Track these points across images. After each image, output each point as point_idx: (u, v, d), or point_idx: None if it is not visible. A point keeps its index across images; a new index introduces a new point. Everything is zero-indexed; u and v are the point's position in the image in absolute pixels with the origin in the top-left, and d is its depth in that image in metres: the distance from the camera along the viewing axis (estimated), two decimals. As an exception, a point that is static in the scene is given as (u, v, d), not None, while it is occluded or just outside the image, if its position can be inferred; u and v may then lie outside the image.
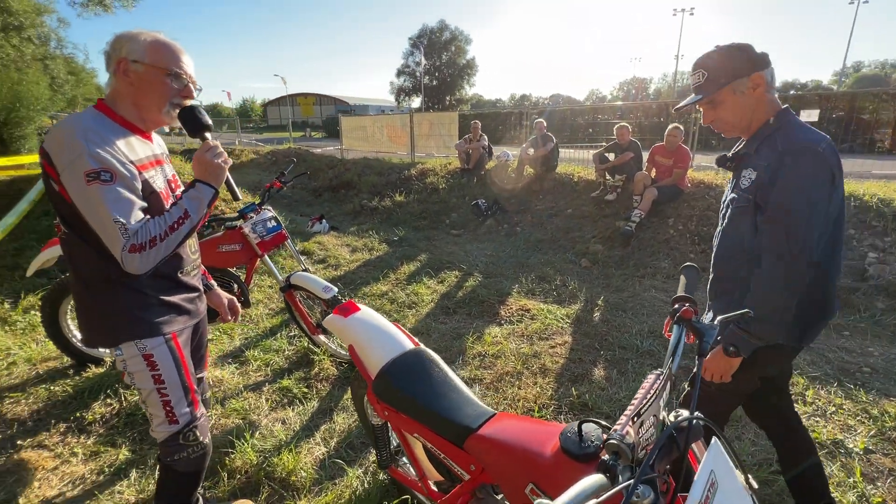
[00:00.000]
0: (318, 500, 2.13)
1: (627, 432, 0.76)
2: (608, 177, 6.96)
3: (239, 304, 2.05)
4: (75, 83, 27.79)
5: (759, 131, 1.52)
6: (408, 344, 1.73)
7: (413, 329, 3.95)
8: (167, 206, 1.46)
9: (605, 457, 0.76)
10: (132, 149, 1.42)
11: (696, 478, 0.74)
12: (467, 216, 7.66)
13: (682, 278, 1.46)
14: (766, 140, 1.48)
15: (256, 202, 3.10)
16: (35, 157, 8.47)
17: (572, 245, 6.25)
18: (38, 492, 2.17)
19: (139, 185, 1.37)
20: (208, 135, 1.52)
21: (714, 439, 0.85)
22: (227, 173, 1.55)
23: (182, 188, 1.56)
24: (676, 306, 1.23)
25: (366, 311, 1.86)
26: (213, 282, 1.96)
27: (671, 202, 6.09)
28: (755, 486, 0.88)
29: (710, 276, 1.68)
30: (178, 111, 1.48)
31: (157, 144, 1.59)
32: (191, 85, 1.50)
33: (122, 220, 1.29)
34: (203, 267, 1.89)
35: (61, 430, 2.59)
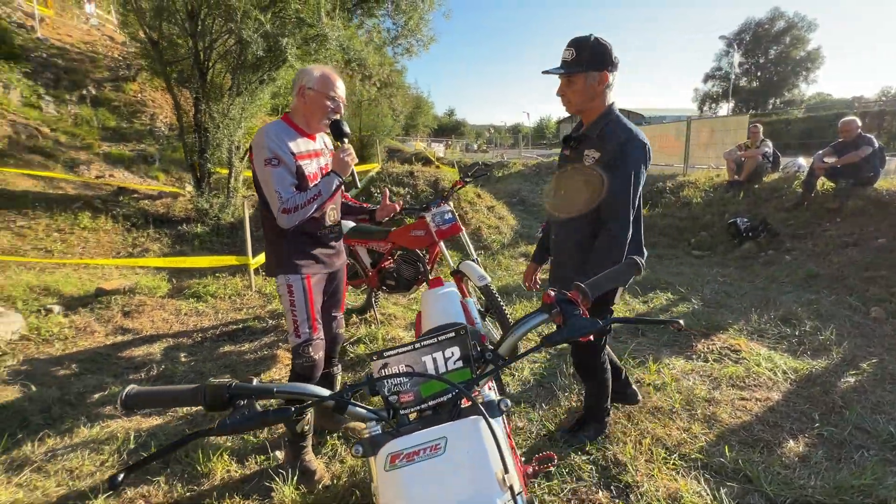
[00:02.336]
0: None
1: None
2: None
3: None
4: (416, 113, 36.40)
5: (598, 120, 1.89)
6: (457, 319, 1.86)
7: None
8: (311, 186, 2.09)
9: None
10: (297, 145, 2.10)
11: (418, 433, 0.74)
12: (719, 236, 6.46)
13: None
14: (605, 128, 1.87)
15: (442, 196, 3.67)
16: (373, 166, 11.71)
17: (865, 287, 4.51)
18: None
19: (294, 170, 2.04)
20: (346, 140, 2.10)
21: (477, 419, 0.76)
22: (353, 168, 2.10)
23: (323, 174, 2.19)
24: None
25: (442, 290, 2.08)
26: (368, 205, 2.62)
27: None
28: (513, 485, 0.72)
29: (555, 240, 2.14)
30: (330, 122, 2.10)
31: (321, 142, 2.26)
32: (340, 104, 2.10)
33: (279, 191, 1.97)
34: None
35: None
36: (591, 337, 0.94)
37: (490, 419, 0.80)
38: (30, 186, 7.32)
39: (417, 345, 0.84)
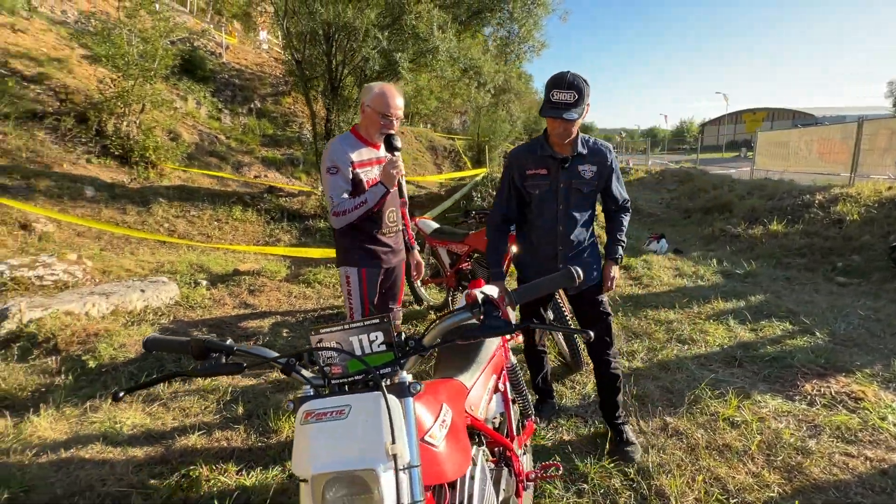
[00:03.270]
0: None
1: None
2: None
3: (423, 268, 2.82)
4: (542, 118, 35.77)
5: (578, 140, 2.24)
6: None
7: (659, 362, 3.52)
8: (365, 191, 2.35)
9: None
10: (360, 154, 2.37)
11: (331, 398, 0.88)
12: (876, 262, 5.34)
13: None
14: (585, 146, 2.27)
15: None
16: (481, 171, 11.99)
17: None
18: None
19: (350, 177, 2.31)
20: (397, 154, 2.30)
21: (378, 395, 0.87)
22: (402, 179, 2.34)
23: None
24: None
25: (486, 288, 2.17)
26: (414, 245, 2.78)
27: None
28: (397, 455, 0.84)
29: (562, 245, 2.34)
30: (383, 137, 2.33)
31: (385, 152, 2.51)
32: (392, 121, 2.32)
33: (332, 196, 2.28)
34: (411, 235, 2.73)
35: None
36: (518, 337, 1.00)
37: (398, 399, 0.92)
38: (206, 184, 9.05)
39: (347, 326, 0.98)
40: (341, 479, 0.83)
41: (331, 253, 5.60)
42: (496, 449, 1.70)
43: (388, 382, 0.96)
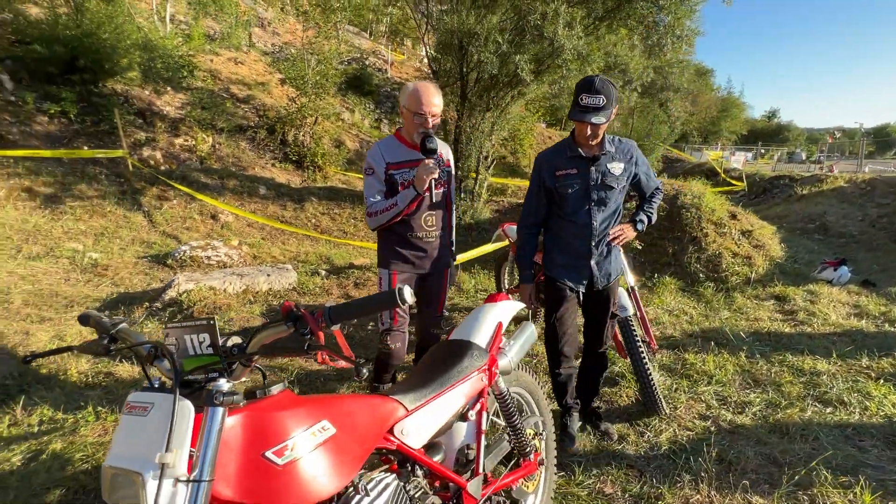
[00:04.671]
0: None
1: None
2: None
3: None
4: (722, 117, 31.05)
5: (604, 140, 2.34)
6: (476, 339, 1.77)
7: (776, 423, 2.74)
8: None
9: None
10: (399, 156, 2.38)
11: (143, 393, 0.90)
12: None
13: None
14: (612, 145, 2.38)
15: None
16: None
17: None
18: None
19: (384, 178, 2.34)
20: (431, 158, 2.21)
21: (168, 398, 0.84)
22: (432, 183, 2.22)
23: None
24: None
25: (489, 306, 1.99)
26: (452, 253, 2.67)
27: None
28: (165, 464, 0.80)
29: (595, 240, 2.40)
30: (420, 138, 2.28)
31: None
32: (427, 119, 2.26)
33: (367, 196, 2.33)
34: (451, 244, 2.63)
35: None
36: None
37: (210, 407, 0.90)
38: (361, 186, 10.19)
39: (184, 325, 0.99)
40: (123, 476, 0.84)
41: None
42: (451, 485, 1.53)
43: (206, 388, 0.94)
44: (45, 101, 8.27)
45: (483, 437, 1.62)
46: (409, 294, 1.02)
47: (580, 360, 2.77)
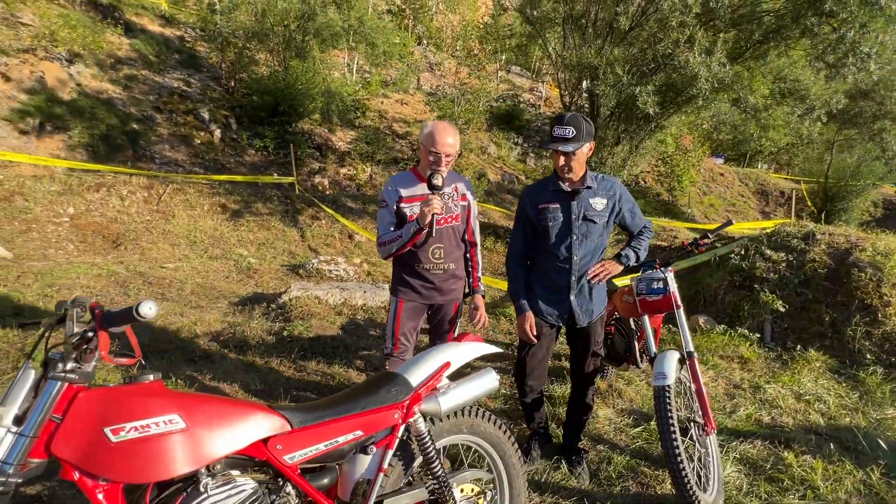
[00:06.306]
0: None
1: None
2: None
3: (484, 318, 2.55)
4: None
5: (587, 176, 2.44)
6: (410, 377, 1.74)
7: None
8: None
9: None
10: (413, 190, 2.49)
11: None
12: None
13: None
14: (594, 181, 2.45)
15: (667, 258, 2.74)
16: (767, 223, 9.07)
17: None
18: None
19: (394, 210, 2.46)
20: (435, 193, 2.28)
21: None
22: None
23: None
24: None
25: (458, 344, 1.92)
26: (477, 288, 2.60)
27: None
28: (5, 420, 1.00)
29: (575, 275, 2.47)
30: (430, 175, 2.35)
31: (450, 188, 2.50)
32: (441, 157, 2.34)
33: (379, 227, 2.49)
34: (477, 278, 2.59)
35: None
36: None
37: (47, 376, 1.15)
38: (496, 217, 10.50)
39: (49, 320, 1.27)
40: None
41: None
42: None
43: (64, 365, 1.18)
44: (254, 139, 10.66)
45: (382, 474, 1.58)
46: (146, 308, 1.15)
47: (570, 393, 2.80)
